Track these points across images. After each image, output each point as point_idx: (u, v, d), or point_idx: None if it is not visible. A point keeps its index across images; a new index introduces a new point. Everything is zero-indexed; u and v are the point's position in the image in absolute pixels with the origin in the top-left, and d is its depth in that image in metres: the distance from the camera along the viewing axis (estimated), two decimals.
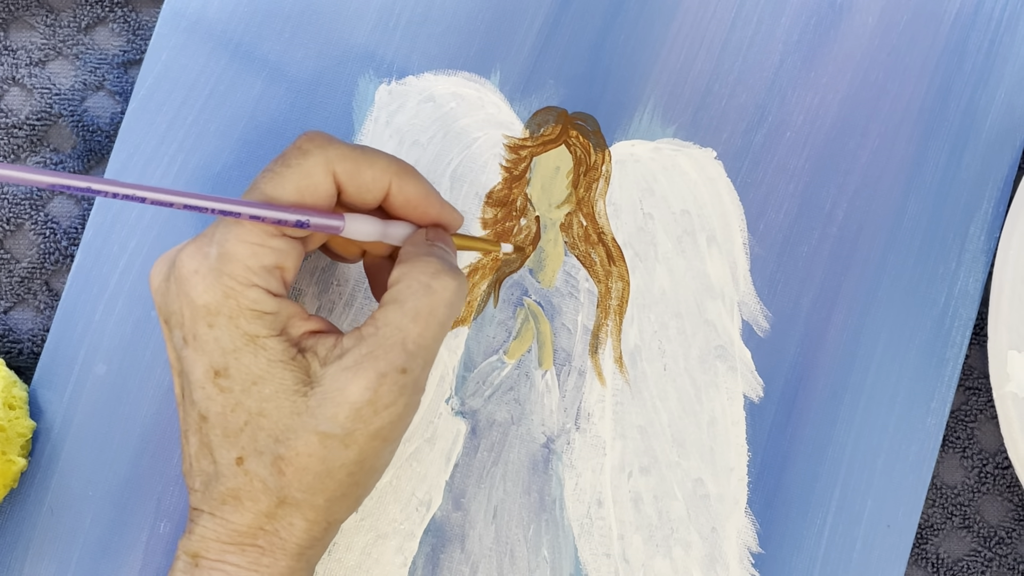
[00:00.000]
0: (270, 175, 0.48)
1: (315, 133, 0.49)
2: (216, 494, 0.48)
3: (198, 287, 0.47)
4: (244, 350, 0.47)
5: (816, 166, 0.59)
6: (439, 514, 0.57)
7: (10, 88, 0.60)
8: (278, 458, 0.47)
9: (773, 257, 0.58)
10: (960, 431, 0.58)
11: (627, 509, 0.57)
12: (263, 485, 0.47)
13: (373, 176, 0.49)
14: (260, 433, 0.47)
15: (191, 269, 0.47)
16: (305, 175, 0.48)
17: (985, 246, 0.58)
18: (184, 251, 0.47)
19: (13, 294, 0.59)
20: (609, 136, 0.59)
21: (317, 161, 0.48)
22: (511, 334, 0.58)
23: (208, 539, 0.48)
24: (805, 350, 0.58)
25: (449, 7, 0.59)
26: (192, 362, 0.47)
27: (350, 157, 0.49)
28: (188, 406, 0.48)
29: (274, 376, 0.47)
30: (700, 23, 0.59)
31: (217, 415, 0.47)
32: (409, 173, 0.50)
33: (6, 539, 0.57)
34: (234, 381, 0.47)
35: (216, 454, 0.48)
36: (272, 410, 0.47)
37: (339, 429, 0.47)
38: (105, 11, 0.60)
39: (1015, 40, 0.59)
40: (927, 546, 0.58)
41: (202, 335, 0.47)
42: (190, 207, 0.45)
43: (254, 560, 0.48)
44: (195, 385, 0.47)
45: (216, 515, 0.48)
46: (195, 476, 0.48)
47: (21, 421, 0.56)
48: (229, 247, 0.47)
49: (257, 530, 0.48)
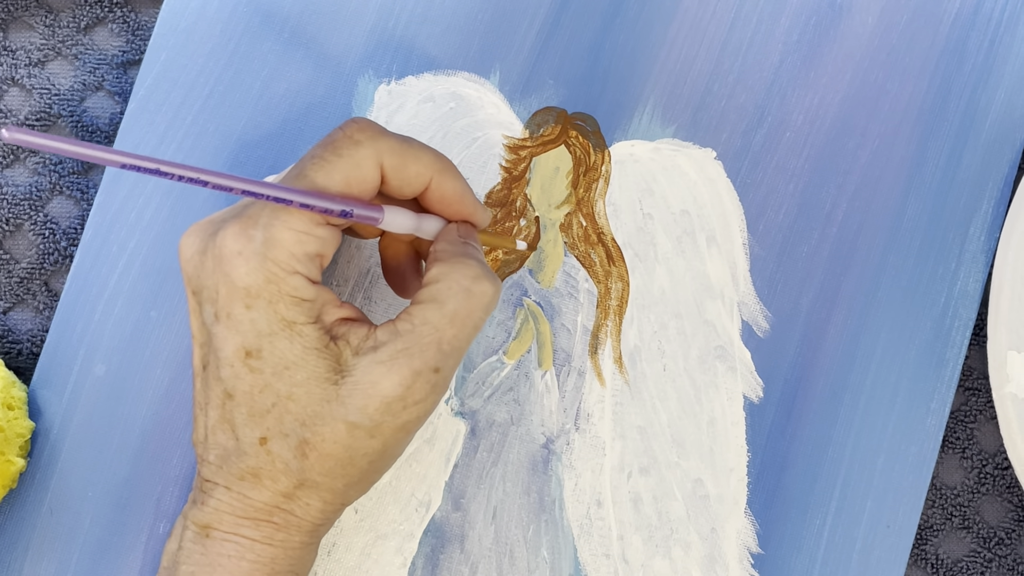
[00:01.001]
0: (320, 162, 0.48)
1: (365, 122, 0.49)
2: (235, 470, 0.48)
3: (240, 269, 0.47)
4: (280, 335, 0.47)
5: (816, 166, 0.59)
6: (439, 514, 0.57)
7: (10, 88, 0.60)
8: (303, 442, 0.47)
9: (773, 257, 0.58)
10: (960, 432, 0.58)
11: (627, 510, 0.57)
12: (285, 466, 0.48)
13: (417, 171, 0.50)
14: (287, 416, 0.47)
15: (234, 250, 0.47)
16: (355, 166, 0.48)
17: (985, 246, 0.58)
18: (228, 230, 0.47)
19: (12, 294, 0.59)
20: (609, 136, 0.59)
21: (368, 153, 0.48)
22: (511, 334, 0.58)
23: (223, 512, 0.48)
24: (805, 350, 0.58)
25: (449, 7, 0.59)
26: (223, 339, 0.47)
27: (398, 151, 0.49)
28: (212, 381, 0.48)
29: (307, 363, 0.47)
30: (700, 23, 0.59)
31: (244, 394, 0.47)
32: (449, 170, 0.51)
33: (6, 539, 0.57)
34: (265, 363, 0.47)
35: (239, 431, 0.48)
36: (302, 395, 0.47)
37: (368, 420, 0.47)
38: (104, 11, 0.60)
39: (1015, 40, 0.59)
40: (927, 547, 0.58)
41: (237, 314, 0.47)
42: (248, 192, 0.45)
43: (268, 535, 0.49)
44: (223, 362, 0.48)
45: (232, 489, 0.48)
46: (210, 449, 0.49)
47: (20, 421, 0.56)
48: (275, 232, 0.47)
49: (273, 508, 0.48)
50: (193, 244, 0.49)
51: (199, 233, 0.49)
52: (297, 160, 0.58)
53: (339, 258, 0.58)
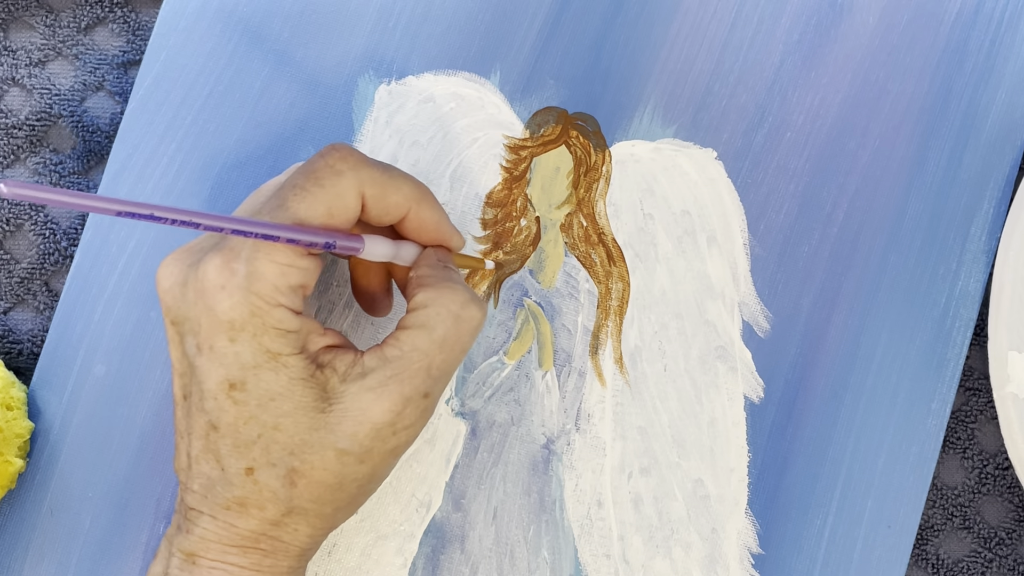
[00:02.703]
0: (302, 193, 0.48)
1: (346, 151, 0.49)
2: (220, 499, 0.48)
3: (224, 303, 0.46)
4: (265, 367, 0.47)
5: (816, 166, 0.59)
6: (439, 515, 0.57)
7: (10, 88, 0.60)
8: (291, 471, 0.47)
9: (773, 257, 0.58)
10: (960, 432, 0.58)
11: (627, 510, 0.57)
12: (272, 495, 0.47)
13: (396, 202, 0.50)
14: (274, 446, 0.47)
15: (217, 284, 0.46)
16: (337, 196, 0.48)
17: (986, 246, 0.58)
18: (210, 263, 0.47)
19: (12, 295, 0.59)
20: (609, 136, 0.59)
21: (350, 184, 0.48)
22: (511, 335, 0.58)
23: (208, 540, 0.48)
24: (805, 351, 0.58)
25: (449, 7, 0.59)
26: (206, 372, 0.47)
27: (379, 181, 0.49)
28: (195, 412, 0.48)
29: (293, 393, 0.47)
30: (700, 23, 0.59)
31: (228, 426, 0.47)
32: (427, 199, 0.51)
33: (5, 540, 0.56)
34: (250, 395, 0.47)
35: (224, 462, 0.47)
36: (289, 425, 0.47)
37: (358, 447, 0.47)
38: (105, 11, 0.60)
39: (1016, 40, 0.59)
40: (927, 547, 0.58)
41: (220, 347, 0.47)
42: (238, 231, 0.45)
43: (256, 562, 0.48)
44: (207, 395, 0.47)
45: (218, 518, 0.48)
46: (194, 478, 0.48)
47: (19, 422, 0.56)
48: (258, 266, 0.46)
49: (260, 535, 0.48)
50: (172, 275, 0.48)
51: (178, 263, 0.48)
52: (287, 168, 0.58)
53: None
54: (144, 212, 0.43)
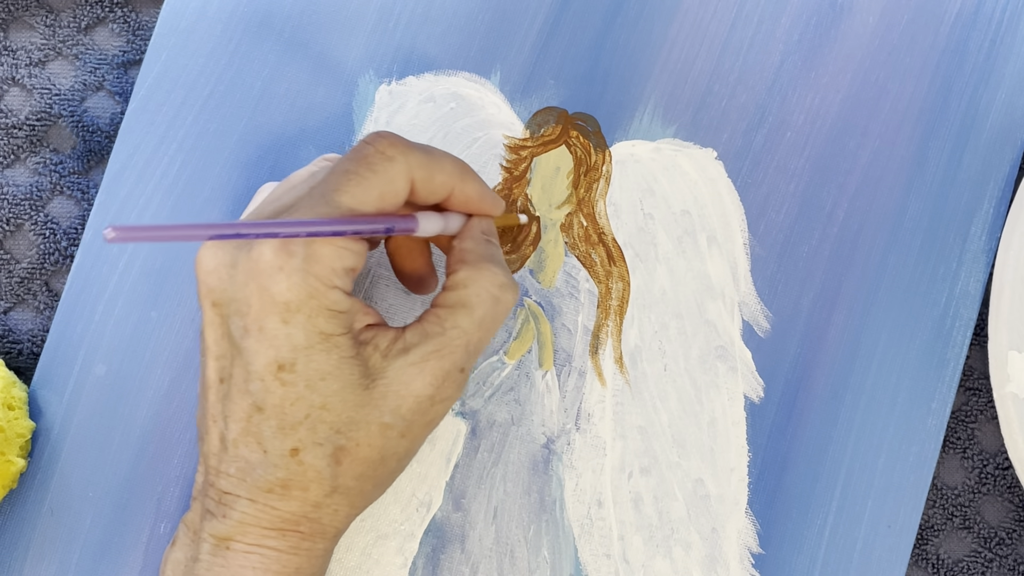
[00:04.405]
0: (355, 178, 0.48)
1: (394, 137, 0.50)
2: (261, 482, 0.48)
3: (282, 284, 0.47)
4: (317, 347, 0.47)
5: (816, 166, 0.59)
6: (439, 515, 0.57)
7: (10, 88, 0.60)
8: (339, 449, 0.48)
9: (774, 257, 0.58)
10: (960, 432, 0.58)
11: (627, 510, 0.57)
12: (317, 475, 0.48)
13: (442, 181, 0.51)
14: (321, 426, 0.48)
15: (275, 265, 0.47)
16: (389, 181, 0.49)
17: (986, 246, 0.58)
18: (265, 245, 0.47)
19: (13, 294, 0.59)
20: (609, 136, 0.59)
21: (401, 169, 0.49)
22: (511, 334, 0.58)
23: (247, 524, 0.48)
24: (805, 350, 0.58)
25: (449, 7, 0.59)
26: (254, 353, 0.47)
27: (425, 164, 0.50)
28: (236, 394, 0.48)
29: (342, 372, 0.48)
30: (700, 23, 0.59)
31: (275, 407, 0.48)
32: (470, 174, 0.52)
33: (6, 540, 0.57)
34: (299, 376, 0.47)
35: (267, 444, 0.48)
36: (337, 403, 0.48)
37: (400, 421, 0.49)
38: (105, 11, 0.60)
39: (1016, 40, 0.59)
40: (927, 547, 0.58)
41: (271, 328, 0.47)
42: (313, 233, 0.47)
43: (294, 545, 0.49)
44: (253, 376, 0.48)
45: (258, 501, 0.48)
46: (230, 462, 0.48)
47: (20, 422, 0.56)
48: (317, 248, 0.47)
49: (301, 517, 0.49)
50: (218, 256, 0.48)
51: (224, 246, 0.49)
52: (300, 163, 0.58)
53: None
54: (230, 232, 0.45)
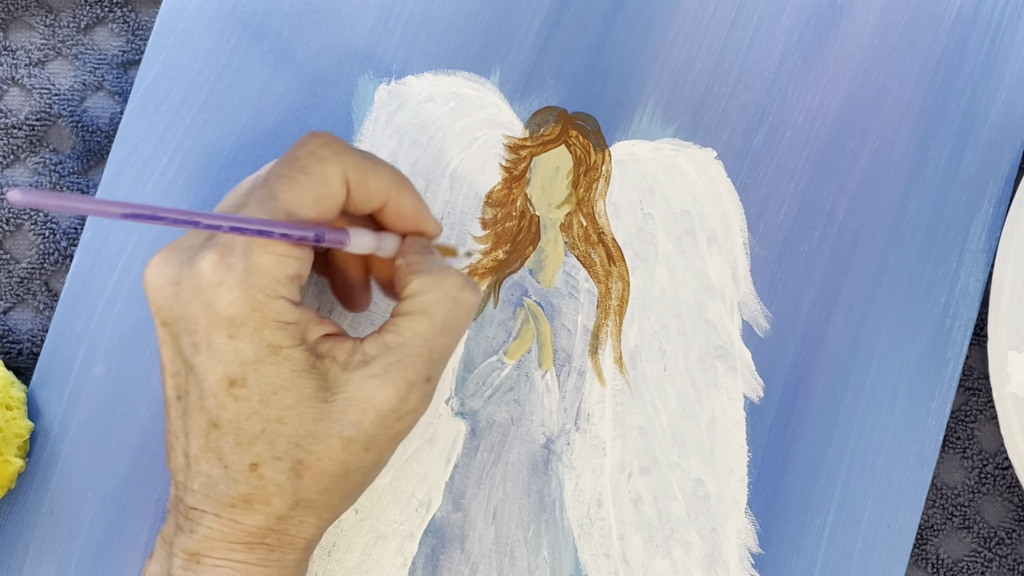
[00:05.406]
0: (289, 182, 0.48)
1: (327, 137, 0.49)
2: (223, 497, 0.48)
3: (223, 299, 0.46)
4: (267, 361, 0.47)
5: (816, 166, 0.59)
6: (439, 515, 0.57)
7: (9, 88, 0.60)
8: (298, 463, 0.47)
9: (773, 257, 0.58)
10: (960, 431, 0.58)
11: (627, 510, 0.57)
12: (278, 489, 0.47)
13: (377, 188, 0.50)
14: (278, 439, 0.47)
15: (215, 280, 0.46)
16: (324, 183, 0.48)
17: (986, 246, 0.58)
18: (205, 259, 0.47)
19: (12, 294, 0.59)
20: (609, 136, 0.59)
21: (335, 169, 0.48)
22: (511, 334, 0.58)
23: (213, 539, 0.48)
24: (805, 350, 0.58)
25: (449, 7, 0.59)
26: (205, 370, 0.47)
27: (361, 166, 0.49)
28: (193, 411, 0.48)
29: (296, 385, 0.47)
30: (700, 23, 0.59)
31: (230, 423, 0.47)
32: (407, 187, 0.51)
33: (5, 540, 0.56)
34: (252, 391, 0.47)
35: (226, 460, 0.47)
36: (293, 417, 0.47)
37: (363, 435, 0.47)
38: (104, 11, 0.60)
39: (1015, 40, 0.59)
40: (927, 547, 0.58)
41: (219, 344, 0.46)
42: (235, 229, 0.45)
43: (262, 557, 0.48)
44: (206, 393, 0.47)
45: (222, 516, 0.48)
46: (194, 477, 0.48)
47: (19, 422, 0.56)
48: (255, 258, 0.46)
49: (267, 530, 0.48)
50: (163, 274, 0.48)
51: (168, 262, 0.48)
52: None
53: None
54: (147, 213, 0.43)
